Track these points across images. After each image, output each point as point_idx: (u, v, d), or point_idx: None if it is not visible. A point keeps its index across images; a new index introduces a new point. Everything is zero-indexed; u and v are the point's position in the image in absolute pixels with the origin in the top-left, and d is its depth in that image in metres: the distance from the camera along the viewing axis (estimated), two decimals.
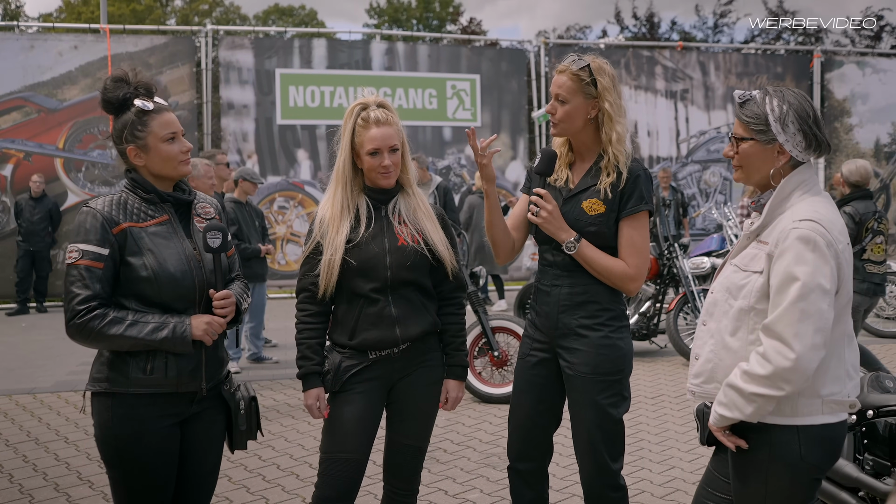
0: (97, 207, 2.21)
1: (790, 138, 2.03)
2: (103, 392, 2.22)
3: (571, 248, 2.55)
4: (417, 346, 2.58)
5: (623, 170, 2.55)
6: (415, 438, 2.66)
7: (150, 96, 2.29)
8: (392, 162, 2.51)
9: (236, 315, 2.35)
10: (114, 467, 2.26)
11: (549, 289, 2.66)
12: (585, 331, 2.58)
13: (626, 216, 2.56)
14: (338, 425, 2.55)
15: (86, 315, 2.13)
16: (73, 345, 2.30)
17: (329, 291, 2.51)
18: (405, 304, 2.54)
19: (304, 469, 4.29)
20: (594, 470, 2.59)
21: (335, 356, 2.56)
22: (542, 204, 2.56)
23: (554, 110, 2.58)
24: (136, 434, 2.21)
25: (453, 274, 2.64)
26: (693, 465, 4.32)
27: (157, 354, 2.21)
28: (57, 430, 5.04)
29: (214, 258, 2.29)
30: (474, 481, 4.11)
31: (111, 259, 2.17)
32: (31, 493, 3.98)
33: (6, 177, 10.54)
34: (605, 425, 2.57)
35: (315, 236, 2.55)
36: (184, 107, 11.13)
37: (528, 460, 2.74)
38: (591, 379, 2.56)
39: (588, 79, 2.53)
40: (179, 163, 2.29)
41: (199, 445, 2.37)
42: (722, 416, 2.03)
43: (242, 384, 2.48)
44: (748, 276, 2.06)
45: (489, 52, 12.99)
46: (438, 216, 2.65)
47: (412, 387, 2.61)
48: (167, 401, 2.25)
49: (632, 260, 2.56)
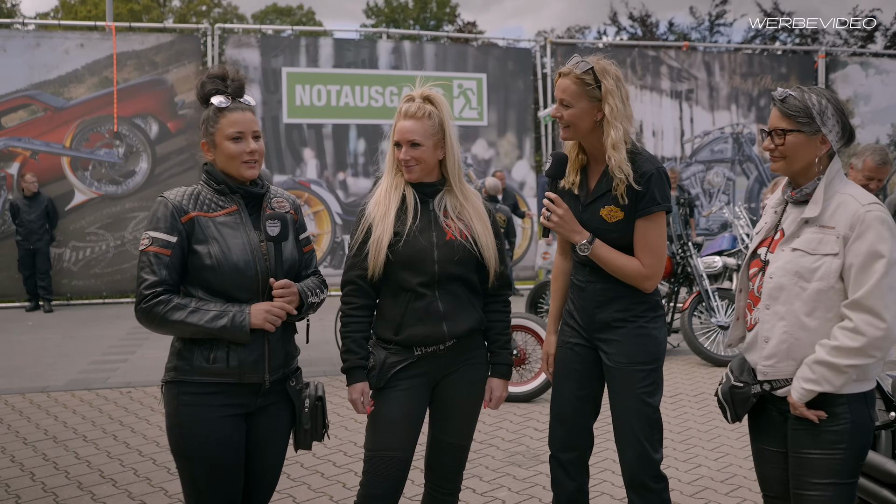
0: (169, 197, 2.29)
1: (831, 129, 2.24)
2: (171, 381, 2.28)
3: (585, 250, 2.57)
4: (463, 343, 2.56)
5: (620, 175, 2.51)
6: (458, 437, 2.64)
7: (237, 96, 2.33)
8: (412, 157, 2.48)
9: (302, 308, 2.34)
10: (179, 457, 2.29)
11: (584, 285, 2.68)
12: (621, 323, 2.61)
13: (642, 216, 2.55)
14: (382, 422, 2.52)
15: (151, 300, 2.20)
16: (83, 343, 2.33)
17: (378, 272, 2.48)
18: (452, 300, 2.52)
19: (329, 467, 4.26)
20: (636, 460, 2.59)
21: (380, 352, 2.54)
22: (553, 208, 2.57)
23: (560, 114, 2.56)
24: (199, 422, 2.24)
25: (499, 272, 2.62)
26: (719, 464, 4.31)
27: (219, 344, 2.24)
28: (74, 429, 5.00)
29: (275, 247, 2.29)
30: (501, 479, 4.09)
31: (179, 246, 2.23)
32: (54, 491, 3.95)
33: (13, 175, 10.48)
34: (644, 414, 2.59)
35: (364, 222, 2.53)
36: (190, 105, 11.09)
37: (569, 450, 2.75)
38: (628, 368, 2.59)
39: (592, 81, 2.51)
40: (242, 163, 2.31)
41: (263, 440, 2.36)
42: (809, 391, 2.19)
43: (312, 382, 2.48)
44: (819, 259, 2.20)
45: (496, 52, 12.98)
46: (487, 214, 2.62)
47: (456, 385, 2.59)
48: (231, 391, 2.27)
49: (646, 259, 2.56)
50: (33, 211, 9.97)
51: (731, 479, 4.07)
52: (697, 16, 25.03)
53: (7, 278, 10.43)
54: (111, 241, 10.85)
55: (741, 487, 3.96)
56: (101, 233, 10.82)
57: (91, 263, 10.80)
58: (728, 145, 13.24)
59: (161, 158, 11.01)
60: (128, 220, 10.89)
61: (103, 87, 10.78)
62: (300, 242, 2.46)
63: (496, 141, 12.28)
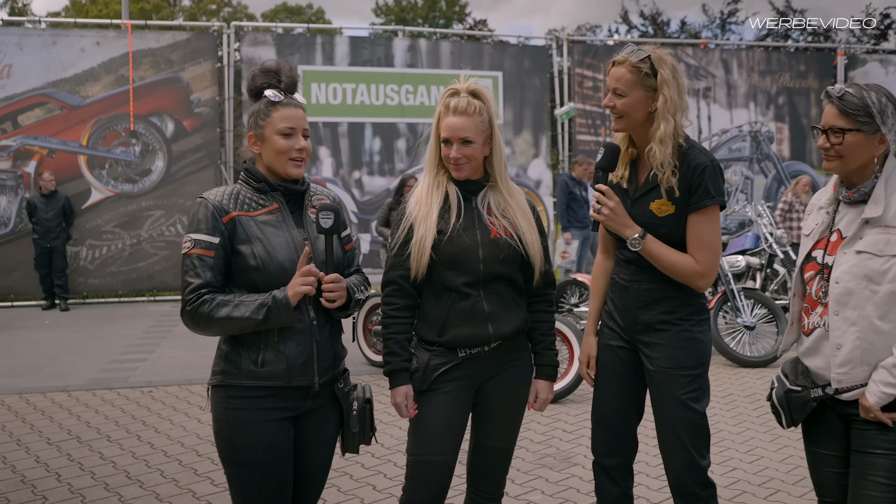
0: (209, 197, 2.23)
1: (891, 128, 2.19)
2: (218, 385, 2.23)
3: (636, 245, 2.47)
4: (508, 344, 2.49)
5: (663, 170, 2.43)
6: (501, 441, 2.57)
7: (290, 91, 2.28)
8: (463, 154, 2.40)
9: (349, 303, 2.27)
10: (227, 462, 2.23)
11: (627, 284, 2.59)
12: (665, 325, 2.52)
13: (695, 210, 2.46)
14: (426, 426, 2.45)
15: (195, 301, 2.14)
16: (101, 342, 2.28)
17: (421, 273, 2.41)
18: (497, 300, 2.45)
19: (357, 469, 4.20)
20: (683, 466, 2.52)
21: (423, 353, 2.47)
22: (604, 200, 2.48)
23: (612, 104, 2.48)
24: (247, 426, 2.18)
25: (543, 271, 2.54)
26: (754, 467, 4.22)
27: (268, 346, 2.18)
28: (98, 429, 4.96)
29: (326, 240, 2.23)
30: (533, 482, 4.02)
31: (221, 247, 2.18)
32: (81, 492, 3.90)
33: (30, 174, 10.47)
34: (689, 420, 2.50)
35: (406, 221, 2.45)
36: (205, 103, 11.06)
37: (613, 455, 2.67)
38: (672, 374, 2.50)
39: (648, 70, 2.42)
40: (290, 160, 2.25)
41: (310, 444, 2.30)
42: (889, 394, 2.14)
43: (359, 384, 2.41)
44: (888, 260, 2.14)
45: (511, 50, 12.90)
46: (532, 211, 2.55)
47: (500, 387, 2.52)
48: (279, 395, 2.21)
49: (700, 255, 2.47)
50: (50, 209, 9.96)
51: (768, 483, 3.99)
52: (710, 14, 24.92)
53: (23, 277, 10.41)
54: (127, 239, 10.82)
55: (780, 492, 3.88)
56: (117, 231, 10.80)
57: (107, 262, 10.78)
58: (746, 144, 13.11)
59: (177, 157, 10.98)
60: (144, 219, 10.86)
61: (119, 85, 10.76)
62: (342, 240, 2.40)
63: (512, 139, 12.19)
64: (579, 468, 4.21)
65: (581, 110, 12.32)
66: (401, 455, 4.37)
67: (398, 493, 3.84)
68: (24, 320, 9.42)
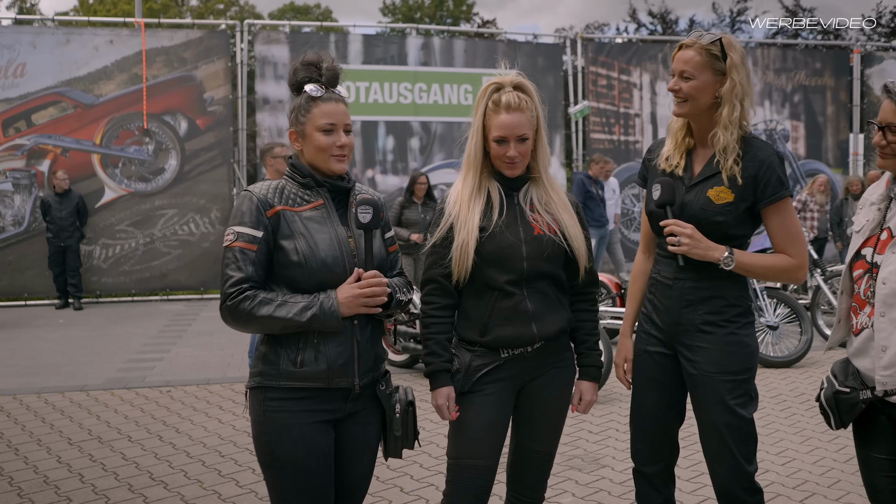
0: (254, 191, 2.17)
1: None
2: (257, 386, 2.16)
3: (729, 264, 2.37)
4: (551, 344, 2.42)
5: (726, 157, 2.37)
6: (544, 444, 2.51)
7: (332, 85, 2.22)
8: (519, 153, 2.34)
9: (391, 303, 2.20)
10: (266, 466, 2.16)
11: (670, 282, 2.49)
12: (710, 327, 2.43)
13: (770, 204, 2.38)
14: (468, 429, 2.38)
15: (236, 297, 2.08)
16: (116, 341, 2.22)
17: (463, 278, 2.35)
18: (541, 299, 2.38)
19: (383, 470, 4.14)
20: (728, 473, 2.44)
21: (464, 354, 2.40)
22: (678, 231, 2.37)
23: (678, 87, 2.41)
24: (286, 430, 2.11)
25: (587, 268, 2.48)
26: (787, 469, 4.15)
27: (307, 346, 2.11)
28: (118, 429, 4.92)
29: (365, 235, 2.17)
30: (563, 484, 3.96)
31: (265, 241, 2.12)
32: (105, 494, 3.86)
33: (44, 172, 10.45)
34: (736, 427, 2.42)
35: (446, 220, 2.38)
36: (219, 102, 11.03)
37: (654, 462, 2.60)
38: (718, 378, 2.41)
39: (718, 53, 2.36)
40: (331, 156, 2.19)
41: (352, 448, 2.23)
42: None
43: (401, 386, 2.34)
44: None
45: (526, 48, 12.83)
46: (573, 205, 2.49)
47: (543, 389, 2.45)
48: (319, 396, 2.14)
49: (793, 249, 2.41)
50: (64, 208, 9.94)
51: (802, 486, 3.92)
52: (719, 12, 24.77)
53: (36, 275, 10.40)
54: (140, 238, 10.80)
55: (815, 495, 3.81)
56: (130, 230, 10.77)
57: (120, 261, 10.76)
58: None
59: (190, 156, 10.95)
60: (157, 218, 10.84)
61: (132, 83, 10.73)
62: (386, 241, 2.34)
63: None
64: (608, 469, 4.15)
65: (595, 108, 12.24)
66: (426, 457, 4.31)
67: (426, 495, 3.81)
68: (37, 319, 9.40)
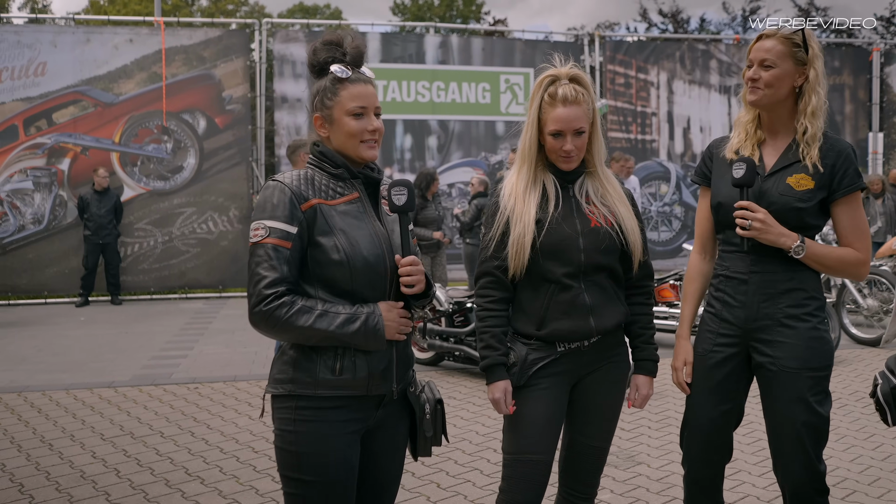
0: (285, 181, 1.99)
1: None
2: (286, 394, 1.99)
3: (800, 252, 2.35)
4: (607, 339, 2.41)
5: (814, 144, 2.37)
6: (599, 439, 2.48)
7: (357, 65, 2.07)
8: (575, 146, 2.32)
9: (428, 293, 2.11)
10: (290, 479, 2.01)
11: (745, 276, 2.45)
12: (792, 321, 2.39)
13: (843, 196, 2.38)
14: (524, 424, 2.36)
15: (273, 301, 1.90)
16: (139, 339, 2.15)
17: (520, 273, 2.33)
18: (599, 292, 2.36)
19: (419, 467, 4.13)
20: (803, 473, 2.40)
21: (520, 347, 2.38)
22: (750, 215, 2.35)
23: (757, 76, 2.40)
24: (320, 441, 1.98)
25: (642, 261, 2.46)
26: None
27: (346, 352, 1.98)
28: (150, 425, 4.92)
29: (401, 219, 2.09)
30: (602, 481, 3.93)
31: (299, 238, 1.94)
32: (143, 488, 3.86)
33: (64, 171, 10.50)
34: (813, 424, 2.38)
35: (501, 214, 2.36)
36: (237, 100, 11.05)
37: (709, 466, 2.58)
38: (799, 374, 2.38)
39: (800, 43, 2.37)
40: (362, 143, 2.04)
41: (383, 453, 2.15)
42: None
43: (426, 385, 2.25)
44: None
45: (543, 46, 12.80)
46: (629, 197, 2.47)
47: (598, 383, 2.43)
48: (354, 405, 2.02)
49: (860, 243, 2.40)
50: (103, 206, 10.01)
51: (842, 483, 3.88)
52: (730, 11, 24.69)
53: (56, 273, 10.45)
54: (159, 236, 10.83)
55: (856, 492, 3.77)
56: (149, 228, 10.81)
57: (139, 259, 10.79)
58: None
59: (209, 154, 10.98)
60: (176, 216, 10.87)
61: (152, 82, 10.76)
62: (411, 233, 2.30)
63: None
64: (644, 467, 4.13)
65: (612, 107, 12.21)
66: (461, 453, 4.30)
67: (463, 491, 3.80)
68: (58, 317, 9.44)
